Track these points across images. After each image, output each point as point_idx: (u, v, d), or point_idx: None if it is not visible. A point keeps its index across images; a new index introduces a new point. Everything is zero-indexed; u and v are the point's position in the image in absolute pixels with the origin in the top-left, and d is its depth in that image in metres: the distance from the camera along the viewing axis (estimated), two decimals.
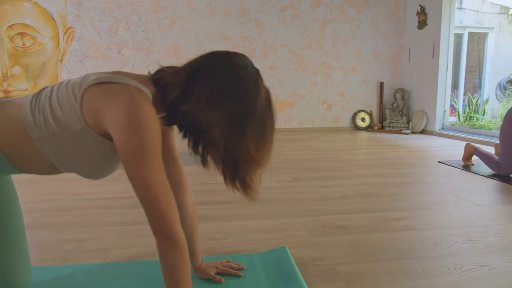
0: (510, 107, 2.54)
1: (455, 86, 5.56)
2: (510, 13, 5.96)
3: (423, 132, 5.00)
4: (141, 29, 4.79)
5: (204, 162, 0.80)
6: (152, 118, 0.72)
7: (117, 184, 2.22)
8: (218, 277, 1.05)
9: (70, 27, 4.63)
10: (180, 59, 5.00)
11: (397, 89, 5.36)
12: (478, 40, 6.21)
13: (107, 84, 0.75)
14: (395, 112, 5.31)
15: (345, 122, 5.46)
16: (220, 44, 4.95)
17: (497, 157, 2.52)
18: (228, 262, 1.15)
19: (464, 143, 4.01)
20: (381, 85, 5.39)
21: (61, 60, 4.66)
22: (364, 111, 5.42)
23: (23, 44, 4.50)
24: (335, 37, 5.29)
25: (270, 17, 5.08)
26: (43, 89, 0.84)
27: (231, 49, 3.98)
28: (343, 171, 2.61)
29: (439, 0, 4.60)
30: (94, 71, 4.75)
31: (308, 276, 1.10)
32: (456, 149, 3.62)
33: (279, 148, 3.68)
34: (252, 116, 0.75)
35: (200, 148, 0.80)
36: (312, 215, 1.66)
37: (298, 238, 1.40)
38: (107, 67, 4.76)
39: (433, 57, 4.75)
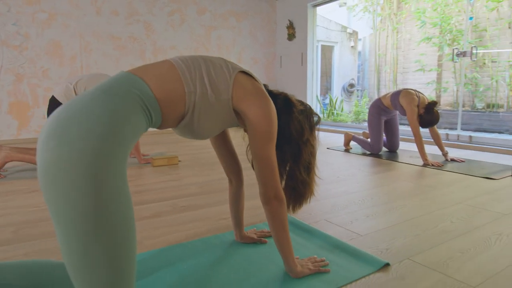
0: (371, 103, 3.50)
1: None
2: (347, 31, 7.65)
3: None
4: (11, 22, 4.16)
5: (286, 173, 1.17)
6: (276, 116, 1.01)
7: None
8: (262, 239, 1.36)
9: None
10: (62, 59, 4.58)
11: None
12: (325, 51, 7.72)
13: (251, 78, 1.02)
14: None
15: None
16: (108, 44, 4.75)
17: (369, 140, 3.45)
18: (254, 230, 1.46)
19: (333, 133, 5.09)
20: None
21: None
22: None
23: None
24: (220, 42, 5.76)
25: (158, 20, 5.15)
26: (171, 58, 0.93)
27: (120, 50, 4.29)
28: None
29: (304, 16, 5.62)
30: None
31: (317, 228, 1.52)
32: (331, 138, 4.61)
33: (186, 147, 3.91)
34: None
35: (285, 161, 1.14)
36: None
37: None
38: None
39: (302, 65, 5.76)
